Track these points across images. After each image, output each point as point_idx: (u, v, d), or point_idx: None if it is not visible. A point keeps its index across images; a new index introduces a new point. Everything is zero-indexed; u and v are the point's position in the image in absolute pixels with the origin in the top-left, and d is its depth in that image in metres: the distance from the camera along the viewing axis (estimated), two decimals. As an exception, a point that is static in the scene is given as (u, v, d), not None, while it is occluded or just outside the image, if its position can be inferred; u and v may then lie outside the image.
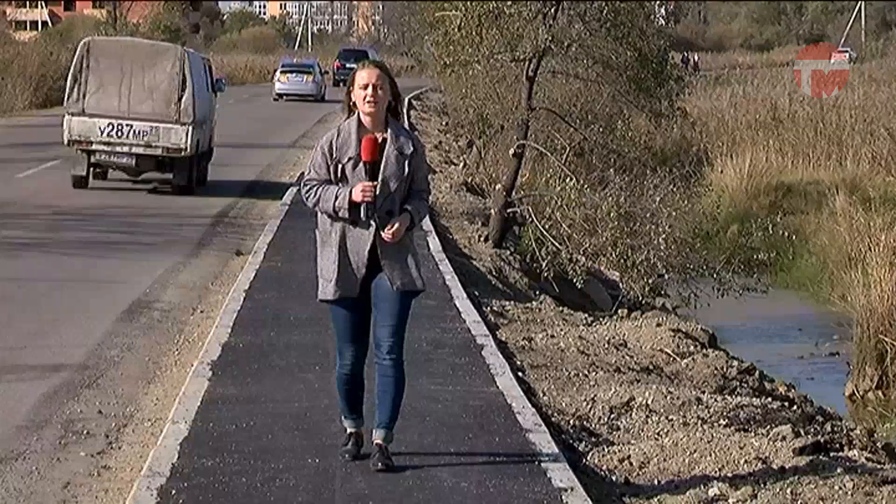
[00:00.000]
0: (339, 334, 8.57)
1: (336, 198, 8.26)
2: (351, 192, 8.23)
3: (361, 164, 8.26)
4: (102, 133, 25.18)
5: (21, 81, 54.85)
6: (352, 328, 8.48)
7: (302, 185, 8.51)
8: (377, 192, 8.22)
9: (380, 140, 8.32)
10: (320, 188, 8.35)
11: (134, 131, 25.22)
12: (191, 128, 25.20)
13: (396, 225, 8.25)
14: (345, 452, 8.60)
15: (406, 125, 9.04)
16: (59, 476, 9.06)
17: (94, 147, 25.41)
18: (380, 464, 8.35)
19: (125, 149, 25.33)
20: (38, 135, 39.32)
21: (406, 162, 8.39)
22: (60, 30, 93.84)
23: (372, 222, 8.27)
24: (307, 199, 8.40)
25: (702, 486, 8.93)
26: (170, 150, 25.17)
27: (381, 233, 8.25)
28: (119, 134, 25.19)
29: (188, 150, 25.26)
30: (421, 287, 8.49)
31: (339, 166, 8.34)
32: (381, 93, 8.30)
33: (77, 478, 9.04)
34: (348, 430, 8.68)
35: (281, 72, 65.97)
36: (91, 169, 25.89)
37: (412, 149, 8.46)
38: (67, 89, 25.77)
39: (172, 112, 25.12)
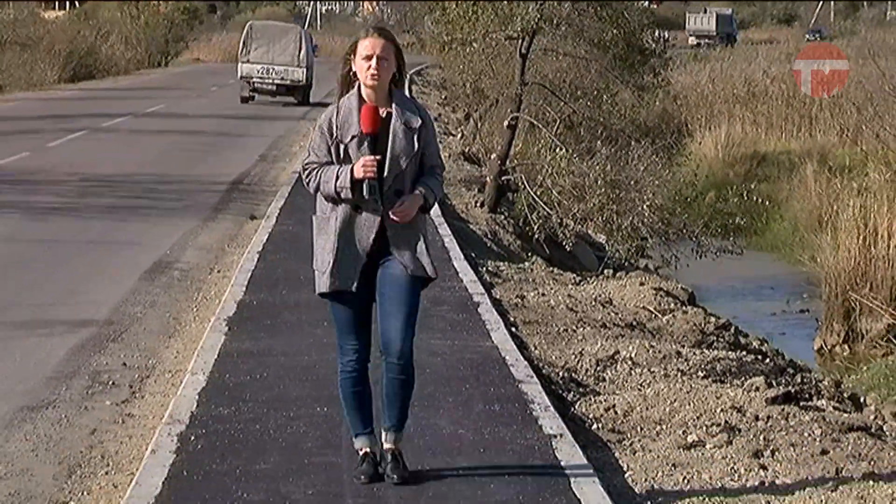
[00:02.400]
0: (339, 329, 7.25)
1: (337, 177, 6.94)
2: (353, 169, 6.92)
3: (365, 141, 6.96)
4: (258, 73, 43.22)
5: (50, 58, 54.75)
6: (353, 322, 7.17)
7: (302, 169, 7.21)
8: (385, 170, 6.95)
9: (384, 114, 7.00)
10: (320, 170, 7.03)
11: (275, 71, 43.11)
12: (305, 69, 43.34)
13: (405, 203, 6.97)
14: (360, 474, 7.23)
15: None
16: (86, 423, 9.08)
17: (253, 80, 43.33)
18: (395, 476, 7.19)
19: (269, 81, 43.22)
20: (66, 107, 39.34)
21: (415, 136, 7.04)
22: (86, 9, 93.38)
23: (378, 204, 6.99)
24: (307, 183, 7.09)
25: (681, 433, 8.94)
26: (294, 81, 43.33)
27: (388, 214, 6.98)
28: (267, 73, 43.15)
29: (304, 81, 43.53)
30: (432, 274, 7.18)
31: (342, 146, 7.01)
32: (385, 65, 6.95)
33: (103, 425, 9.05)
34: (361, 450, 7.30)
35: None
36: (251, 93, 43.25)
37: (420, 121, 7.09)
38: (240, 48, 44.17)
39: (295, 61, 43.35)
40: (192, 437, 8.23)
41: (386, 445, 7.27)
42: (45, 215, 18.54)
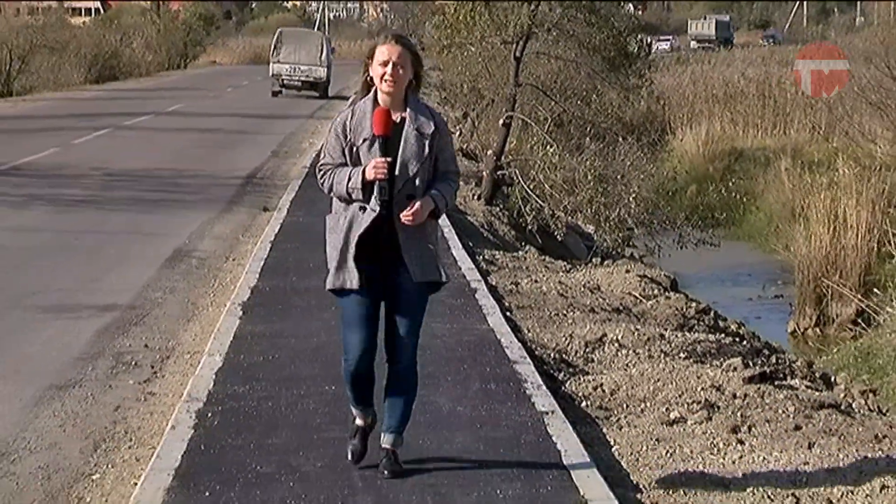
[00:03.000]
0: (345, 323, 6.79)
1: (349, 178, 6.54)
2: (364, 170, 6.51)
3: (376, 144, 6.54)
4: (286, 71, 47.84)
5: (76, 60, 54.81)
6: (360, 319, 6.70)
7: (317, 170, 6.80)
8: (395, 172, 6.53)
9: (398, 119, 6.60)
10: (334, 171, 6.64)
11: (300, 70, 47.83)
12: (325, 68, 47.82)
13: (416, 206, 6.50)
14: (351, 451, 7.05)
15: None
16: (110, 401, 9.08)
17: (282, 77, 47.89)
18: (386, 471, 6.86)
19: (296, 78, 47.85)
20: (92, 106, 39.33)
21: (427, 142, 6.59)
22: (111, 16, 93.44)
23: (382, 206, 6.54)
24: (322, 184, 6.71)
25: (664, 410, 8.95)
26: (316, 79, 47.89)
27: (401, 215, 6.53)
28: (294, 71, 47.88)
29: (324, 79, 47.90)
30: (443, 279, 6.78)
31: (354, 148, 6.60)
32: (401, 72, 6.55)
33: (126, 402, 9.05)
34: (356, 422, 7.09)
35: None
36: (280, 88, 47.61)
37: (433, 127, 6.64)
38: (271, 50, 48.84)
39: (317, 61, 47.86)
40: (210, 414, 8.24)
41: (384, 445, 6.92)
42: (72, 207, 18.53)
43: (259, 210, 19.11)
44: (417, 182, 6.60)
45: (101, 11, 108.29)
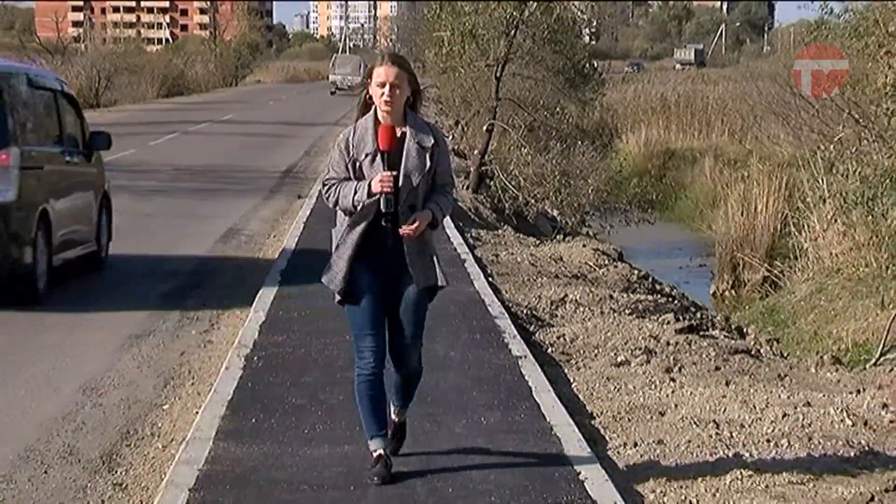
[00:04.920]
0: (356, 329, 5.70)
1: (355, 192, 5.56)
2: (370, 183, 5.54)
3: (379, 159, 5.56)
4: (339, 80, 58.85)
5: (150, 79, 54.68)
6: (369, 323, 5.64)
7: (322, 185, 5.78)
8: (399, 184, 5.56)
9: (399, 134, 5.63)
10: (339, 185, 5.63)
11: (347, 78, 57.78)
12: (361, 78, 51.90)
13: (416, 223, 5.59)
14: (374, 476, 5.67)
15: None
16: (177, 347, 9.07)
17: (336, 83, 59.00)
18: (393, 439, 5.99)
19: (344, 84, 57.38)
20: (163, 116, 39.26)
21: (427, 155, 5.63)
22: (178, 45, 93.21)
23: (386, 217, 5.57)
24: (328, 198, 5.69)
25: (612, 354, 8.94)
26: (356, 85, 48.00)
27: (400, 229, 5.58)
28: (342, 80, 58.60)
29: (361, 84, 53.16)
30: (443, 283, 5.80)
31: (357, 164, 5.61)
32: (398, 91, 5.56)
33: (189, 348, 9.04)
34: (375, 452, 5.73)
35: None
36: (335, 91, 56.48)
37: (433, 141, 5.67)
38: (330, 66, 61.64)
39: (356, 73, 55.80)
40: (255, 358, 8.22)
41: (392, 417, 6.00)
42: (147, 195, 18.50)
43: (294, 197, 19.10)
44: (420, 193, 5.65)
45: (171, 41, 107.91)
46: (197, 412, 7.10)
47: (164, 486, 5.72)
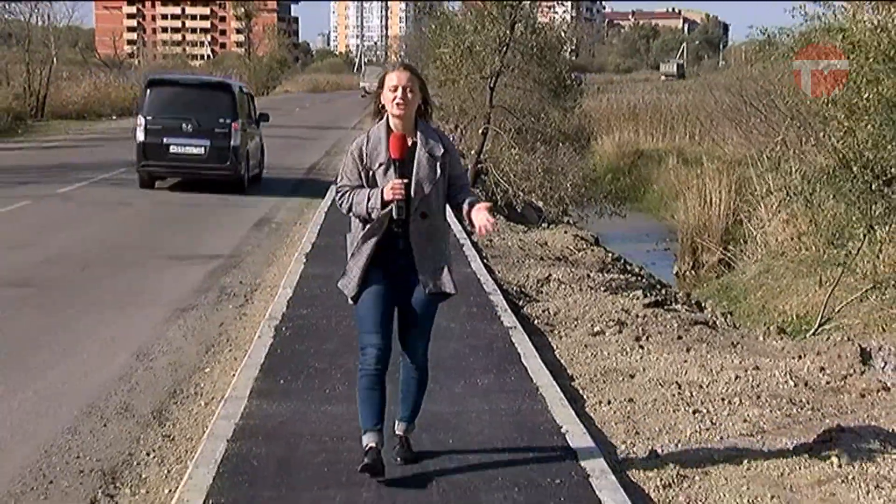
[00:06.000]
0: (362, 328, 4.98)
1: (368, 199, 4.88)
2: (382, 191, 4.86)
3: (392, 168, 4.90)
4: (367, 87, 55.84)
5: (194, 90, 54.58)
6: (377, 321, 4.93)
7: (335, 192, 5.08)
8: (412, 193, 4.88)
9: (409, 143, 4.95)
10: (352, 193, 4.95)
11: (374, 86, 59.79)
12: None
13: (485, 218, 4.81)
14: (364, 468, 4.90)
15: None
16: (217, 319, 9.05)
17: (365, 89, 56.50)
18: (399, 458, 5.18)
19: (372, 90, 58.98)
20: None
21: (438, 164, 4.93)
22: (217, 60, 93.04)
23: (398, 224, 4.90)
24: (341, 205, 5.01)
25: (590, 325, 8.93)
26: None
27: (475, 224, 4.84)
28: (371, 87, 57.39)
29: None
30: (452, 291, 5.12)
31: (371, 172, 4.94)
32: (410, 95, 4.90)
33: (227, 320, 9.02)
34: (367, 444, 4.95)
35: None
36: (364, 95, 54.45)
37: (443, 150, 4.97)
38: (361, 76, 60.07)
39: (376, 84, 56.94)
40: (284, 328, 8.21)
41: (398, 431, 5.27)
42: (189, 188, 18.44)
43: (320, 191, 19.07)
44: (431, 200, 4.95)
45: (211, 56, 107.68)
46: (234, 375, 7.08)
47: (205, 437, 5.71)
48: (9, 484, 5.16)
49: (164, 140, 17.58)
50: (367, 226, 4.93)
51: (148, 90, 18.09)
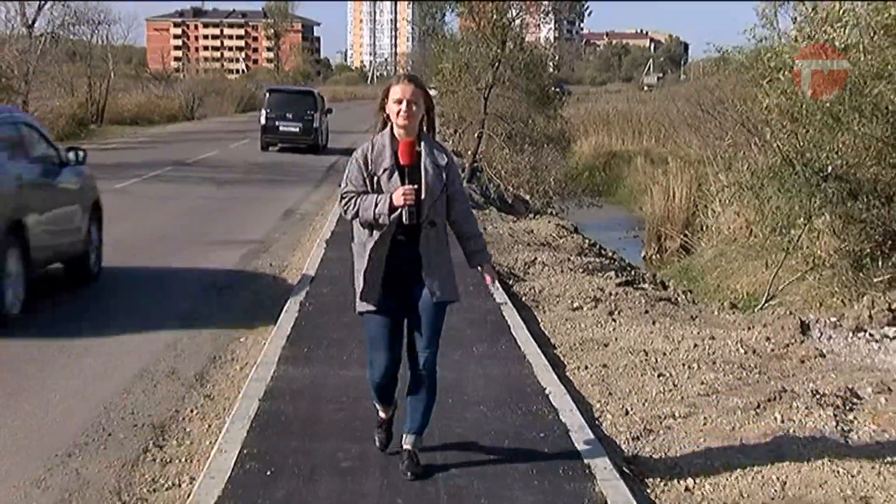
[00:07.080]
0: (370, 343, 4.41)
1: (376, 205, 4.22)
2: (391, 197, 4.20)
3: (397, 174, 4.23)
4: None
5: (231, 99, 54.41)
6: (384, 338, 4.36)
7: (340, 198, 4.39)
8: (422, 197, 4.23)
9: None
10: (358, 198, 4.28)
11: None
12: None
13: (491, 278, 4.66)
14: (379, 440, 4.73)
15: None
16: (253, 289, 9.04)
17: None
18: (409, 473, 4.41)
19: None
20: (240, 126, 39.01)
21: (443, 172, 4.28)
22: (251, 73, 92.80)
23: (407, 230, 4.27)
24: (346, 211, 4.33)
25: (570, 302, 8.91)
26: None
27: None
28: None
29: None
30: (456, 298, 4.51)
31: (375, 178, 4.27)
32: (414, 108, 4.23)
33: (262, 289, 9.00)
34: (380, 415, 4.71)
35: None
36: None
37: (446, 159, 4.34)
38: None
39: None
40: (307, 304, 8.19)
41: (405, 446, 4.52)
42: (227, 184, 18.43)
43: (337, 185, 19.01)
44: (439, 208, 4.32)
45: (245, 70, 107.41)
46: (265, 343, 7.07)
47: (240, 397, 5.70)
48: (73, 436, 5.17)
49: (276, 123, 25.84)
50: (374, 240, 4.29)
51: (267, 94, 26.70)
